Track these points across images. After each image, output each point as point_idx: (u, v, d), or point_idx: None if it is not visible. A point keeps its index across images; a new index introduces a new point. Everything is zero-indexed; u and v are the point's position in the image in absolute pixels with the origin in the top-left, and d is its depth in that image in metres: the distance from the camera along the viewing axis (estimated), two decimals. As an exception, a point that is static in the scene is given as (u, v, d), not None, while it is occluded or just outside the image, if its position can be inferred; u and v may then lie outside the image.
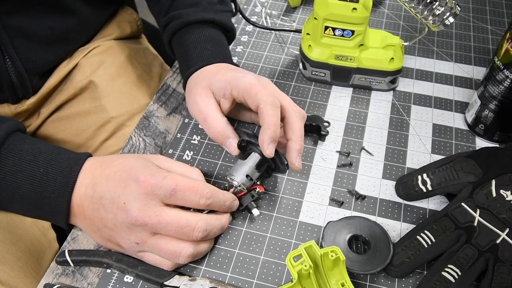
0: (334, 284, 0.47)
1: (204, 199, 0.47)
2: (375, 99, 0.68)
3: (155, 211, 0.46)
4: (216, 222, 0.50)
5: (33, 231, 0.66)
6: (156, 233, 0.47)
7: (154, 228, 0.46)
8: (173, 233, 0.47)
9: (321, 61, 0.67)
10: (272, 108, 0.51)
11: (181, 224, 0.46)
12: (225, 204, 0.51)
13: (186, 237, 0.47)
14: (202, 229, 0.47)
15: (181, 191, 0.47)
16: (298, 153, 0.53)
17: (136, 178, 0.46)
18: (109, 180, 0.48)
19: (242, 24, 0.80)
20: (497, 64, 0.57)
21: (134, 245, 0.47)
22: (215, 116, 0.55)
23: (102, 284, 0.50)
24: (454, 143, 0.62)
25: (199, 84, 0.57)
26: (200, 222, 0.47)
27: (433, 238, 0.50)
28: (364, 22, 0.62)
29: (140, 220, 0.46)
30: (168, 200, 0.47)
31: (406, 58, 0.74)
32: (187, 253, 0.48)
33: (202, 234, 0.48)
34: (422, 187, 0.54)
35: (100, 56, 0.76)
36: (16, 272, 0.60)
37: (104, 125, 0.73)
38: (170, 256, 0.48)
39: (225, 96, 0.55)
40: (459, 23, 0.80)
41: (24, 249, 0.63)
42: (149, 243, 0.47)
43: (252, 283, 0.50)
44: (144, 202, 0.46)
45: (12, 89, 0.68)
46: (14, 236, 0.63)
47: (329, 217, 0.55)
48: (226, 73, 0.56)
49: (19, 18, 0.64)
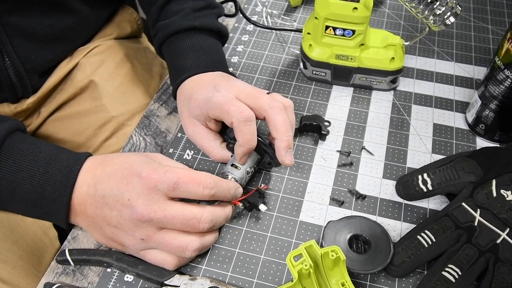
0: (335, 283, 0.47)
1: (208, 190, 0.47)
2: (375, 98, 0.68)
3: (160, 206, 0.46)
4: (221, 212, 0.50)
5: (35, 229, 0.66)
6: (162, 228, 0.47)
7: (160, 223, 0.46)
8: (180, 226, 0.47)
9: (322, 60, 0.67)
10: (245, 124, 0.51)
11: (187, 217, 0.46)
12: (230, 193, 0.50)
13: (193, 229, 0.47)
14: (208, 220, 0.47)
15: (184, 183, 0.46)
16: (286, 150, 0.52)
17: (139, 174, 0.46)
18: (110, 177, 0.48)
19: (243, 23, 0.80)
20: (497, 64, 0.57)
21: (139, 241, 0.47)
22: (208, 146, 0.57)
23: (102, 283, 0.50)
24: (455, 143, 0.62)
25: (183, 112, 0.59)
26: (205, 213, 0.47)
27: (433, 238, 0.50)
28: (365, 21, 0.62)
29: (146, 216, 0.45)
30: (172, 193, 0.47)
31: (407, 57, 0.74)
32: (194, 246, 0.48)
33: (208, 225, 0.48)
34: (423, 187, 0.54)
35: (100, 55, 0.76)
36: (18, 270, 0.60)
37: (104, 125, 0.73)
38: (177, 251, 0.48)
39: (207, 119, 0.56)
40: (459, 23, 0.80)
41: (25, 248, 0.63)
42: (155, 238, 0.47)
43: (252, 282, 0.50)
44: (148, 198, 0.46)
45: (12, 88, 0.68)
46: (15, 234, 0.63)
47: (329, 216, 0.55)
48: (199, 95, 0.55)
49: (18, 16, 0.64)
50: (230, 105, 0.52)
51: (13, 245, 0.61)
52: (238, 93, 0.54)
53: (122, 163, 0.49)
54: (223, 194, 0.49)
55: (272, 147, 0.54)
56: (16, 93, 0.69)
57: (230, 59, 0.74)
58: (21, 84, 0.69)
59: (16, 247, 0.62)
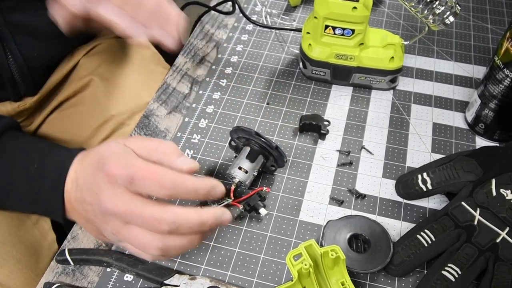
0: (334, 283, 0.47)
1: (165, 190, 0.43)
2: (375, 98, 0.68)
3: (122, 200, 0.44)
4: (189, 216, 0.44)
5: (33, 233, 0.66)
6: (128, 223, 0.45)
7: (124, 218, 0.44)
8: (141, 224, 0.44)
9: (321, 60, 0.67)
10: None
11: (145, 215, 0.43)
12: (198, 192, 0.45)
13: (154, 229, 0.44)
14: (169, 221, 0.43)
15: (140, 180, 0.43)
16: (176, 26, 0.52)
17: (102, 168, 0.45)
18: (86, 171, 0.47)
19: (242, 23, 0.80)
20: (497, 63, 0.57)
21: (111, 235, 0.46)
22: None
23: (102, 283, 0.50)
24: (454, 142, 0.62)
25: None
26: (166, 214, 0.43)
27: (433, 237, 0.50)
28: (364, 21, 0.62)
29: (110, 209, 0.44)
30: (131, 188, 0.44)
31: (406, 57, 0.74)
32: (154, 245, 0.44)
33: (168, 227, 0.43)
34: (422, 186, 0.54)
35: (101, 54, 0.76)
36: (16, 274, 0.59)
37: (104, 124, 0.73)
38: (141, 248, 0.45)
39: None
40: (459, 22, 0.80)
41: (23, 251, 0.63)
42: (122, 233, 0.45)
43: (252, 282, 0.50)
44: (111, 192, 0.44)
45: (15, 86, 0.68)
46: (14, 237, 0.63)
47: (329, 216, 0.55)
48: None
49: (21, 14, 0.64)
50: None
51: (12, 248, 0.61)
52: None
53: (95, 155, 0.47)
54: (187, 193, 0.45)
55: (278, 150, 0.54)
56: (18, 91, 0.69)
57: (230, 58, 0.74)
58: (24, 82, 0.69)
59: (15, 250, 0.61)
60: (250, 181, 0.55)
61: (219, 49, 0.76)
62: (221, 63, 0.73)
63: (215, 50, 0.76)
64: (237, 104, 0.67)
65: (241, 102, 0.67)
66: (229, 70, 0.72)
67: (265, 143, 0.54)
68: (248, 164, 0.54)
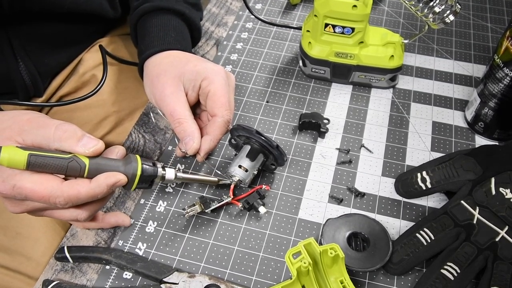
0: (333, 281, 0.47)
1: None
2: (374, 96, 0.68)
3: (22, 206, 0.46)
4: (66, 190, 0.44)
5: (32, 233, 0.66)
6: None
7: None
8: None
9: (321, 58, 0.67)
10: (225, 125, 0.53)
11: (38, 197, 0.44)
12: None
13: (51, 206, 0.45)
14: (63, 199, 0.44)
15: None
16: (204, 152, 0.53)
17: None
18: None
19: (242, 21, 0.80)
20: (497, 62, 0.57)
21: None
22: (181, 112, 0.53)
23: (101, 280, 0.50)
24: (454, 141, 0.63)
25: (168, 72, 0.55)
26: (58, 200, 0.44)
27: (432, 236, 0.50)
28: (364, 19, 0.62)
29: None
30: None
31: (406, 55, 0.74)
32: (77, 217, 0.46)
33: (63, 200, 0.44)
34: (422, 185, 0.54)
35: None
36: (14, 274, 0.60)
37: (104, 119, 0.73)
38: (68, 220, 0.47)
39: (193, 89, 0.55)
40: (459, 21, 0.80)
41: (22, 251, 0.62)
42: None
43: (251, 280, 0.50)
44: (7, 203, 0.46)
45: (25, 91, 0.69)
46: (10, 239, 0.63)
47: (328, 214, 0.55)
48: (197, 63, 0.55)
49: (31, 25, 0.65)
50: (225, 101, 0.53)
51: (6, 251, 0.61)
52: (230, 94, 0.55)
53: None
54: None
55: (278, 149, 0.54)
56: (28, 94, 0.70)
57: (230, 56, 0.74)
58: (34, 86, 0.69)
59: (10, 251, 0.61)
60: (250, 179, 0.55)
61: (219, 47, 0.76)
62: (221, 61, 0.73)
63: (215, 48, 0.76)
64: (237, 102, 0.67)
65: (241, 100, 0.67)
66: (229, 68, 0.72)
67: (266, 142, 0.54)
68: (248, 162, 0.54)
